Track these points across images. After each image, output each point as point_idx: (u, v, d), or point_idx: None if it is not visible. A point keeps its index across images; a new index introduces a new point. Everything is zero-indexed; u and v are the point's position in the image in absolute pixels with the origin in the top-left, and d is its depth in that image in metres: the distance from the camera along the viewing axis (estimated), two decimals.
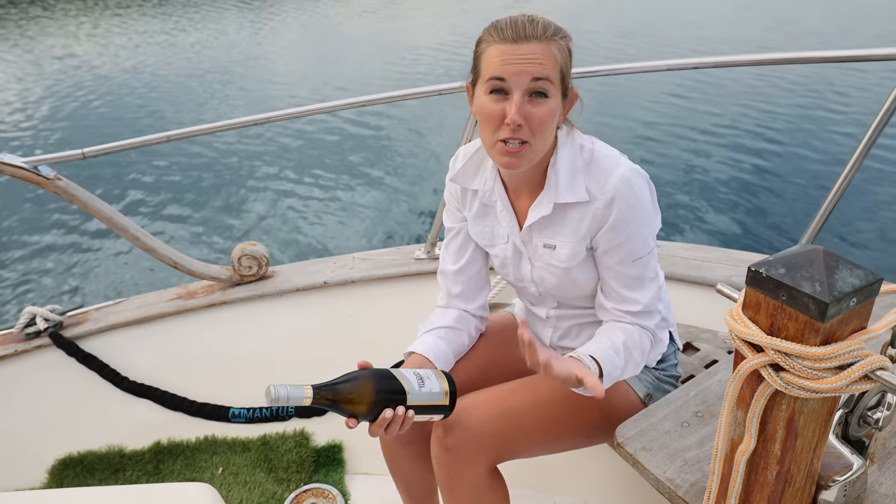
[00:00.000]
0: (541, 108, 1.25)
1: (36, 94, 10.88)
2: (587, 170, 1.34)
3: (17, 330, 2.26)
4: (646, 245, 1.36)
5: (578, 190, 1.33)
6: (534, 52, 1.24)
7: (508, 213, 1.45)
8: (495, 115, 1.26)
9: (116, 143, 2.15)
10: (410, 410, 1.24)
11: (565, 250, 1.39)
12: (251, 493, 2.18)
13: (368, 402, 1.20)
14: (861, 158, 1.83)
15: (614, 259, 1.36)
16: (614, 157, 1.35)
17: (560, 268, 1.41)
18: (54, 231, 6.31)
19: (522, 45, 1.24)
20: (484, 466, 1.38)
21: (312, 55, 13.91)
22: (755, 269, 0.83)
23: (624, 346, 1.35)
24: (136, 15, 18.58)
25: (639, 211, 1.32)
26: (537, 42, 1.24)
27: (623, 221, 1.31)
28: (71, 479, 2.26)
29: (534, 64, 1.23)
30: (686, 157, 7.26)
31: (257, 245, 2.39)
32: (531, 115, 1.25)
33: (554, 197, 1.35)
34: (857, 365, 0.80)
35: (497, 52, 1.25)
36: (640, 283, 1.38)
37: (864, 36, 13.15)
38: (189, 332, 2.38)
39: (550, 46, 1.25)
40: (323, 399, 1.16)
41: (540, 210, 1.38)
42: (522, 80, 1.24)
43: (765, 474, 0.94)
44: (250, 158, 7.86)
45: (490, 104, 1.27)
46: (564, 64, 1.28)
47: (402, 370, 1.27)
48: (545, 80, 1.24)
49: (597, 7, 17.41)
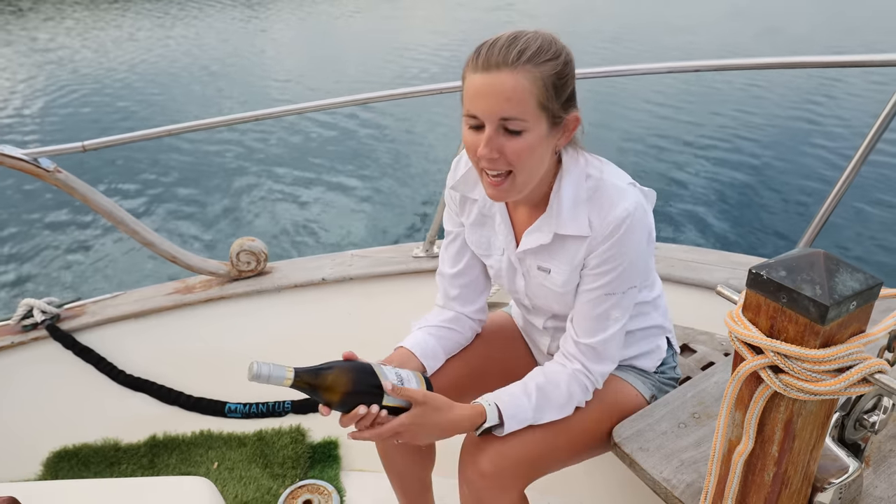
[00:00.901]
0: (515, 143, 1.19)
1: (36, 87, 10.85)
2: (591, 200, 1.29)
3: (13, 322, 2.26)
4: (625, 283, 1.31)
5: (580, 222, 1.29)
6: (503, 85, 1.16)
7: (506, 226, 1.43)
8: (471, 149, 1.24)
9: (116, 136, 2.15)
10: (384, 410, 1.24)
11: (560, 276, 1.36)
12: (246, 489, 2.18)
13: (343, 394, 1.20)
14: (860, 163, 1.84)
15: (588, 286, 1.33)
16: (621, 187, 1.28)
17: (554, 291, 1.39)
18: (53, 223, 6.30)
19: (493, 75, 1.16)
20: (517, 492, 1.35)
21: (312, 52, 13.90)
22: (756, 272, 0.84)
23: (537, 388, 1.34)
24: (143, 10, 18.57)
25: (632, 251, 1.28)
26: (509, 71, 1.16)
27: (613, 258, 1.28)
28: (66, 471, 2.26)
29: (500, 101, 1.17)
30: (681, 161, 7.27)
31: (256, 241, 2.38)
32: (504, 149, 1.20)
33: (555, 227, 1.31)
34: (856, 368, 0.80)
35: (472, 84, 1.20)
36: (602, 321, 1.34)
37: (851, 42, 13.20)
38: (186, 327, 2.37)
39: (522, 77, 1.16)
40: (302, 383, 1.17)
41: (539, 238, 1.35)
42: (493, 117, 1.18)
43: (762, 475, 0.94)
44: (250, 154, 7.85)
45: (469, 137, 1.24)
46: (543, 93, 1.18)
47: (384, 368, 1.27)
48: (515, 119, 1.17)
49: (589, 10, 17.42)
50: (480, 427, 1.31)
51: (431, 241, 2.44)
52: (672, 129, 8.28)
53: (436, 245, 2.45)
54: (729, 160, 7.27)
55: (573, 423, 1.39)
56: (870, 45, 12.68)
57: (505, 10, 17.84)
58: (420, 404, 1.25)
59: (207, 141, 8.12)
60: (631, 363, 1.54)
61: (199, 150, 7.93)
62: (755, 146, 7.65)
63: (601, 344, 1.35)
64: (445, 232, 1.57)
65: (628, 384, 1.50)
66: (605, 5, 18.38)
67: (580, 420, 1.40)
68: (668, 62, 2.07)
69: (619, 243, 1.27)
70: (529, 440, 1.34)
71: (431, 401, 1.26)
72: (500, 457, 1.32)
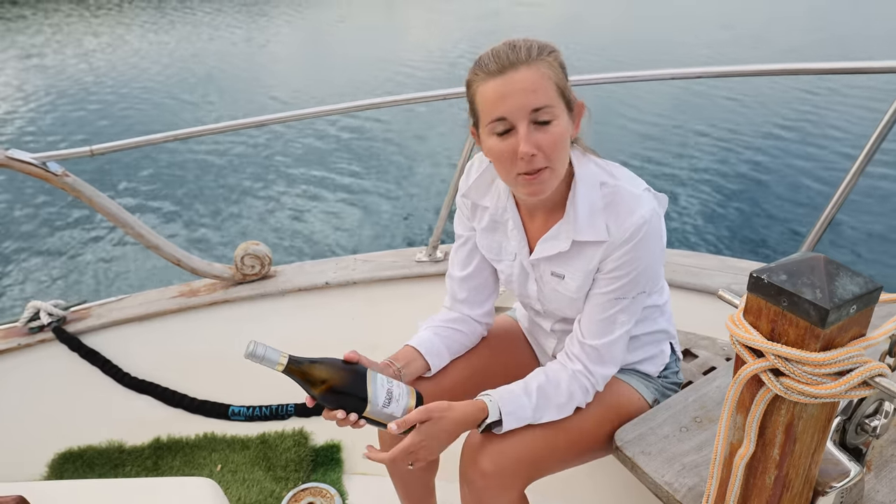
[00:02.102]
0: (549, 133, 1.21)
1: (45, 92, 10.91)
2: (607, 207, 1.30)
3: (20, 324, 2.27)
4: (636, 288, 1.33)
5: (598, 229, 1.29)
6: (525, 80, 1.18)
7: (519, 232, 1.43)
8: (506, 155, 1.22)
9: (124, 141, 2.17)
10: (362, 420, 1.25)
11: (575, 282, 1.37)
12: (249, 491, 2.18)
13: (327, 389, 1.22)
14: (862, 168, 1.84)
15: (600, 289, 1.34)
16: (637, 194, 1.29)
17: (567, 296, 1.40)
18: (60, 227, 6.33)
19: (511, 74, 1.18)
20: (517, 491, 1.36)
21: (322, 58, 13.95)
22: (757, 276, 0.84)
23: (538, 388, 1.35)
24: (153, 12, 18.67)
25: (646, 257, 1.29)
26: (525, 67, 1.18)
27: (628, 263, 1.29)
28: (71, 473, 2.27)
29: (527, 93, 1.18)
30: (682, 165, 7.28)
31: (260, 245, 2.40)
32: (541, 143, 1.20)
33: (573, 233, 1.32)
34: (857, 371, 0.81)
35: (489, 90, 1.20)
36: (609, 324, 1.35)
37: (838, 52, 13.23)
38: (191, 330, 2.39)
39: (540, 67, 1.19)
40: (293, 371, 1.19)
41: (556, 245, 1.35)
42: (522, 112, 1.19)
43: (763, 479, 0.95)
44: (255, 159, 7.89)
45: (499, 145, 1.23)
46: (559, 79, 1.22)
47: (379, 378, 1.27)
48: (545, 107, 1.19)
49: (577, 21, 17.46)
50: (483, 423, 1.32)
51: (434, 246, 2.45)
52: (672, 134, 8.29)
53: (439, 250, 2.46)
54: (731, 165, 7.28)
55: (574, 424, 1.39)
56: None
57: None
58: (423, 423, 1.26)
59: (214, 145, 8.16)
60: (635, 367, 1.55)
61: (204, 155, 7.96)
62: (757, 151, 7.66)
63: (605, 346, 1.36)
64: (456, 235, 1.58)
65: (631, 387, 1.51)
66: (592, 19, 18.42)
67: (581, 421, 1.40)
68: (668, 69, 2.08)
69: (634, 249, 1.28)
70: (530, 439, 1.35)
71: (431, 413, 1.26)
72: (500, 455, 1.32)
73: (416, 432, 1.25)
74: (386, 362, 1.42)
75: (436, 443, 1.27)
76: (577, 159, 1.33)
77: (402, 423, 1.24)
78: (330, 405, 1.24)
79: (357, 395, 1.23)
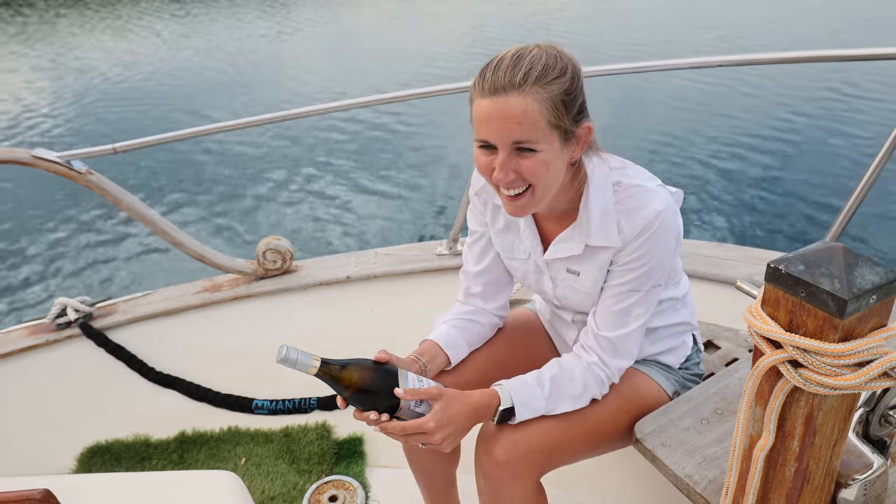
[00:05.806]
0: (532, 160, 1.20)
1: (69, 91, 11.07)
2: (620, 206, 1.30)
3: (48, 320, 2.32)
4: (650, 281, 1.32)
5: (611, 232, 1.30)
6: (513, 108, 1.16)
7: (532, 232, 1.43)
8: (485, 169, 1.25)
9: (146, 138, 2.19)
10: (394, 420, 1.26)
11: (590, 278, 1.37)
12: (273, 484, 2.21)
13: (358, 390, 1.22)
14: (886, 157, 1.81)
15: (614, 281, 1.35)
16: (649, 189, 1.29)
17: (584, 292, 1.40)
18: (85, 224, 6.43)
19: (500, 99, 1.17)
20: (532, 481, 1.36)
21: (343, 53, 13.98)
22: (774, 266, 0.84)
23: (551, 379, 1.35)
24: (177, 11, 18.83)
25: (660, 250, 1.29)
26: (517, 95, 1.16)
27: (642, 256, 1.29)
28: (98, 466, 2.31)
29: (512, 124, 1.17)
30: (703, 156, 7.20)
31: (282, 240, 2.42)
32: (522, 169, 1.21)
33: (586, 238, 1.33)
34: (877, 362, 0.80)
35: (480, 108, 1.20)
36: (624, 316, 1.35)
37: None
38: (214, 325, 2.42)
39: (530, 99, 1.16)
40: (325, 374, 1.20)
41: (570, 248, 1.36)
42: (504, 140, 1.19)
43: (783, 471, 0.94)
44: (276, 154, 7.93)
45: (480, 158, 1.25)
46: (553, 113, 1.18)
47: (410, 378, 1.28)
48: (528, 140, 1.18)
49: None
50: (497, 412, 1.33)
51: (455, 239, 2.45)
52: (693, 124, 8.19)
53: (459, 243, 2.46)
54: (754, 154, 7.18)
55: (592, 415, 1.40)
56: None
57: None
58: (437, 398, 1.26)
59: (234, 141, 8.22)
60: (656, 358, 1.55)
61: (226, 151, 8.03)
62: (780, 142, 7.55)
63: (620, 339, 1.36)
64: (469, 231, 1.58)
65: (651, 379, 1.50)
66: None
67: (599, 412, 1.40)
68: (692, 58, 2.05)
69: (648, 242, 1.28)
70: (544, 429, 1.35)
71: (447, 392, 1.28)
72: (513, 445, 1.33)
73: (432, 413, 1.26)
74: (412, 358, 1.43)
75: (450, 428, 1.27)
76: (589, 162, 1.32)
77: (412, 391, 1.25)
78: (362, 406, 1.25)
79: (388, 392, 1.24)
